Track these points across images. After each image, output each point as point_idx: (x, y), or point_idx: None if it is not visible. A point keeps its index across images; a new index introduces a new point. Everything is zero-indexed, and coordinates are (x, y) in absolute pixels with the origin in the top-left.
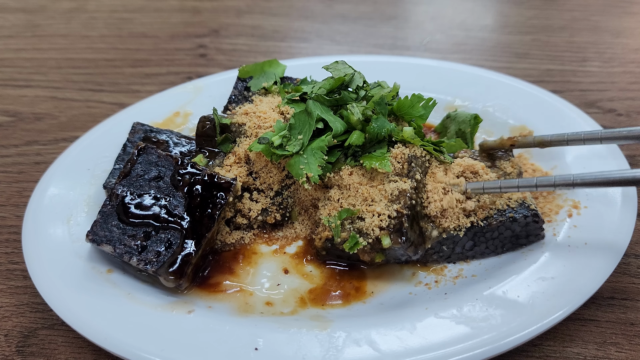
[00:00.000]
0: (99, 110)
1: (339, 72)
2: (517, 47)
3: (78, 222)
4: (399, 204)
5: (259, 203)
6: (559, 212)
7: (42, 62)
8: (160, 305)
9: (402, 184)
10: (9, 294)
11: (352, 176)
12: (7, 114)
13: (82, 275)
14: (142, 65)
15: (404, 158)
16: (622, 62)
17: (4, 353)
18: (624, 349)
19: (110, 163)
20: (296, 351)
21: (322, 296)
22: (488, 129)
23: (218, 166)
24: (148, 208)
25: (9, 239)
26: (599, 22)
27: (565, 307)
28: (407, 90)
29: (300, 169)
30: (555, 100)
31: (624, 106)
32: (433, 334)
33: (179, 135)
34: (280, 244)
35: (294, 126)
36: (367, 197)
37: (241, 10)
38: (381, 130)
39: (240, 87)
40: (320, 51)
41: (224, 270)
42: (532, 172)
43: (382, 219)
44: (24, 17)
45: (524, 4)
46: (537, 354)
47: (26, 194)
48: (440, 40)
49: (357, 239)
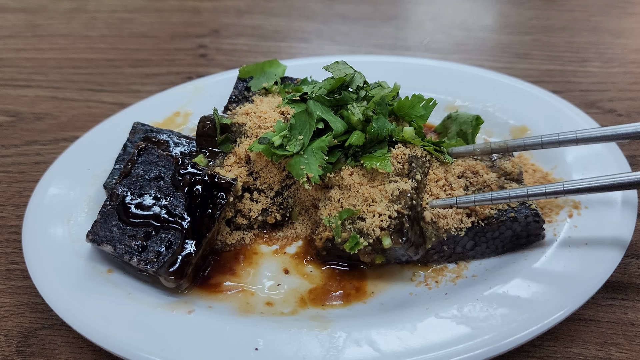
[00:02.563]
0: (99, 110)
1: (340, 73)
2: (518, 47)
3: (78, 222)
4: (399, 204)
5: (259, 203)
6: (560, 212)
7: (42, 62)
8: (160, 305)
9: (402, 184)
10: (9, 294)
11: (352, 176)
12: (8, 113)
13: (82, 275)
14: (143, 65)
15: (404, 158)
16: (622, 63)
17: (4, 353)
18: (624, 349)
19: (110, 163)
20: (296, 351)
21: (322, 296)
22: (488, 129)
23: (218, 166)
24: (148, 208)
25: (9, 239)
26: (599, 23)
27: (565, 307)
28: (408, 90)
29: (301, 169)
30: (555, 100)
31: (624, 106)
32: (434, 334)
33: (179, 135)
34: (280, 244)
35: (295, 126)
36: (367, 197)
37: (241, 11)
38: (382, 130)
39: (240, 87)
40: (321, 51)
41: (225, 270)
42: (533, 172)
43: (382, 219)
44: (24, 17)
45: (524, 5)
46: (538, 354)
47: (26, 193)
48: (440, 40)
49: (357, 239)
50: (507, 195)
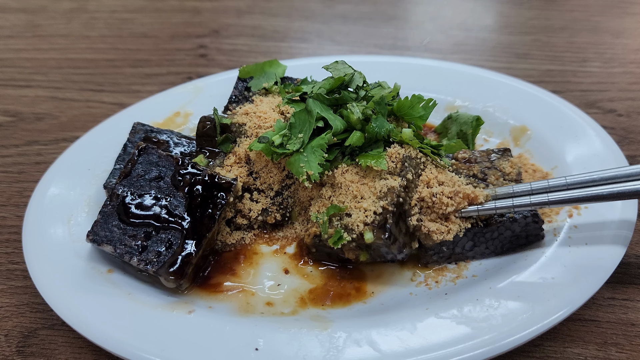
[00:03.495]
0: (100, 110)
1: (339, 72)
2: (518, 47)
3: (78, 222)
4: (385, 201)
5: (259, 203)
6: (560, 212)
7: (42, 62)
8: (160, 306)
9: (391, 181)
10: (9, 294)
11: (345, 174)
12: (8, 114)
13: (82, 275)
14: (143, 65)
15: (398, 157)
16: (622, 63)
17: (4, 353)
18: (624, 349)
19: (110, 163)
20: (297, 351)
21: (322, 296)
22: (488, 129)
23: (218, 166)
24: (148, 208)
25: (9, 239)
26: (599, 23)
27: (565, 307)
28: (408, 90)
29: (301, 167)
30: (555, 100)
31: (624, 106)
32: (434, 334)
33: (180, 135)
34: (280, 244)
35: (294, 125)
36: (357, 194)
37: (241, 11)
38: (380, 130)
39: (240, 87)
40: (321, 51)
41: (225, 270)
42: (533, 172)
43: (367, 214)
44: (24, 17)
45: (525, 5)
46: (538, 354)
47: (26, 194)
48: (440, 40)
49: (341, 233)
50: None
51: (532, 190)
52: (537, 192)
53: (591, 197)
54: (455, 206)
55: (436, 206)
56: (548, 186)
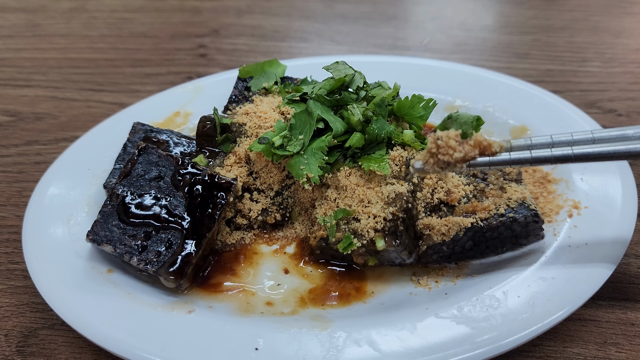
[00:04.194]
0: (99, 110)
1: (340, 73)
2: (518, 47)
3: (78, 222)
4: (395, 207)
5: (259, 203)
6: (559, 212)
7: (42, 62)
8: (160, 305)
9: (399, 187)
10: (9, 294)
11: (349, 177)
12: (7, 113)
13: (82, 275)
14: (142, 65)
15: (402, 161)
16: (622, 63)
17: (4, 353)
18: (624, 349)
19: (110, 163)
20: (296, 351)
21: (322, 296)
22: (488, 129)
23: (218, 166)
24: (148, 208)
25: (9, 239)
26: (599, 23)
27: (565, 307)
28: (408, 90)
29: (301, 169)
30: (555, 100)
31: (624, 106)
32: (434, 334)
33: (180, 135)
34: (280, 244)
35: (295, 126)
36: (363, 198)
37: (241, 10)
38: (381, 132)
39: (240, 87)
40: (321, 51)
41: (225, 270)
42: (533, 172)
43: (377, 220)
44: (24, 17)
45: (525, 4)
46: (538, 354)
47: (26, 193)
48: (440, 40)
49: (351, 239)
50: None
51: (554, 143)
52: (559, 145)
53: (622, 153)
54: (463, 153)
55: (442, 151)
56: (572, 140)
